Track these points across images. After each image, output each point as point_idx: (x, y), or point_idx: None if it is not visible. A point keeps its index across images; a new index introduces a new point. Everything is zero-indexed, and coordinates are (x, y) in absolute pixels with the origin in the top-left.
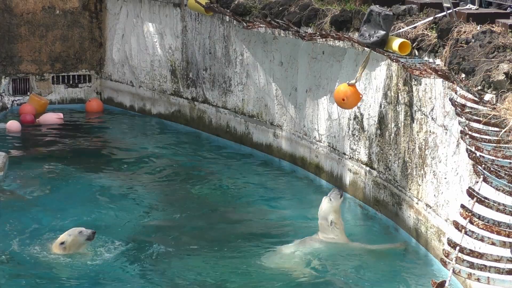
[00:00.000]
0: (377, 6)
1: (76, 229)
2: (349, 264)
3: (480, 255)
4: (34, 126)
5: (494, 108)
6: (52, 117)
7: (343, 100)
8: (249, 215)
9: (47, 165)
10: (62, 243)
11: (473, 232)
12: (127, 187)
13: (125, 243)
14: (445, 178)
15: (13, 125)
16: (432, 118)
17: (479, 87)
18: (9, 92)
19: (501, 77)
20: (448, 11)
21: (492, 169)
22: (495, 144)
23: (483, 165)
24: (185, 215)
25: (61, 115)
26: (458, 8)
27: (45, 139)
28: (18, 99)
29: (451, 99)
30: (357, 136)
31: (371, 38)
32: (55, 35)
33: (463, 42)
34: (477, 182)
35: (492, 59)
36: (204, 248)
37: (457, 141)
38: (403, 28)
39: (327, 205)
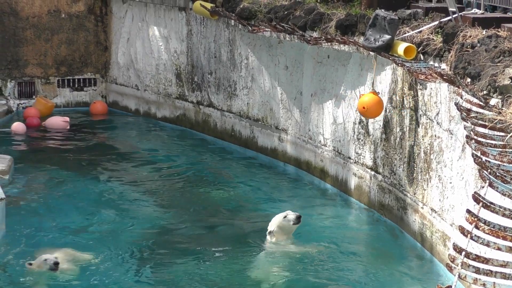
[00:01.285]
0: (383, 10)
1: (43, 256)
2: (354, 269)
3: (486, 261)
4: (39, 129)
5: (500, 113)
6: (58, 121)
7: (364, 108)
8: (253, 219)
9: (52, 169)
10: (30, 263)
11: (479, 237)
12: (132, 190)
13: (131, 246)
14: (451, 183)
15: (18, 127)
16: (438, 123)
17: (485, 92)
18: (15, 95)
19: (507, 81)
20: (454, 16)
21: (498, 174)
22: (501, 149)
23: (489, 170)
24: (189, 219)
25: (67, 119)
26: (464, 12)
27: (50, 143)
28: (23, 103)
29: (456, 104)
30: (362, 140)
31: (377, 43)
32: (60, 38)
33: (468, 46)
34: (483, 187)
35: (498, 64)
36: (206, 251)
37: (463, 146)
38: (408, 32)
39: (278, 218)
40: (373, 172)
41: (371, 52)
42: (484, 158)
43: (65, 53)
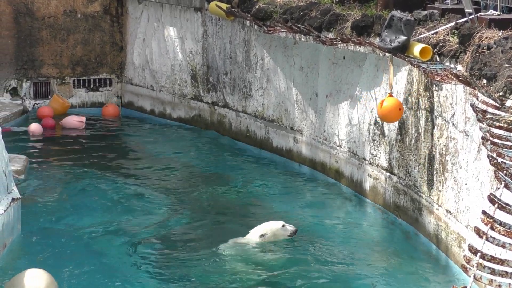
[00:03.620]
0: (399, 11)
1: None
2: (368, 270)
3: (502, 262)
4: (55, 129)
5: None
6: (73, 121)
7: (400, 109)
8: (266, 219)
9: (67, 169)
10: None
11: (494, 238)
12: (147, 190)
13: (145, 244)
14: (466, 184)
15: (36, 128)
16: (453, 124)
17: (501, 93)
18: (30, 95)
19: None
20: (470, 17)
21: None
22: None
23: (505, 171)
24: (203, 218)
25: (83, 118)
26: (480, 13)
27: (65, 143)
28: (39, 103)
29: (472, 105)
30: (377, 141)
31: (392, 43)
32: (76, 39)
33: (484, 47)
34: (498, 188)
35: None
36: (218, 249)
37: (478, 147)
38: (424, 33)
39: (276, 226)
40: (388, 173)
41: (386, 53)
42: (499, 160)
43: (81, 54)
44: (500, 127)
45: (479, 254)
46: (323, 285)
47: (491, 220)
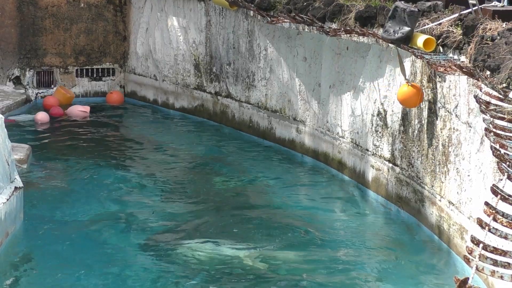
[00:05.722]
0: (402, 2)
1: None
2: (370, 261)
3: (504, 253)
4: (61, 118)
5: None
6: (76, 110)
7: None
8: (269, 209)
9: (70, 158)
10: None
11: (496, 229)
12: (149, 179)
13: (146, 234)
14: (469, 176)
15: (42, 116)
16: (456, 115)
17: (504, 85)
18: (33, 84)
19: None
20: (474, 8)
21: None
22: None
23: (508, 163)
24: (205, 208)
25: (88, 108)
26: (484, 5)
27: (68, 132)
28: (42, 92)
29: (475, 96)
30: (380, 132)
31: (396, 34)
32: (79, 28)
33: (488, 39)
34: (501, 179)
35: None
36: (220, 239)
37: (481, 139)
38: (428, 24)
39: None
40: (390, 164)
41: (390, 44)
42: (502, 151)
43: (84, 43)
44: (503, 119)
45: (481, 245)
46: (323, 276)
47: (493, 211)
